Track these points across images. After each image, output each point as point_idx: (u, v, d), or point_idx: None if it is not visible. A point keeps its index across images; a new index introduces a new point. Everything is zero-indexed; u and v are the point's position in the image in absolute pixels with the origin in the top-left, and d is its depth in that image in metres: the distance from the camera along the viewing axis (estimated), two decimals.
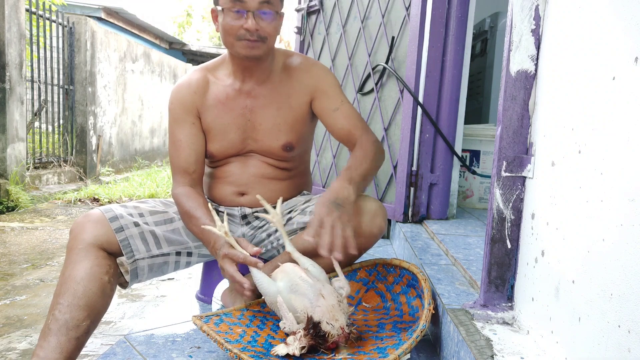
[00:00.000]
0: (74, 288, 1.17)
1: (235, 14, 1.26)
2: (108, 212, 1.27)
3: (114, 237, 1.24)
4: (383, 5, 2.25)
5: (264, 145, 1.43)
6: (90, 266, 1.19)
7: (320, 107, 1.43)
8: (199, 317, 1.19)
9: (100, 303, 1.20)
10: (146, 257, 1.30)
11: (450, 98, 2.05)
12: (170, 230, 1.36)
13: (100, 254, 1.22)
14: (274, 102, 1.41)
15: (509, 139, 1.01)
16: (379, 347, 1.10)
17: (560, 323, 0.83)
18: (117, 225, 1.25)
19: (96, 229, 1.23)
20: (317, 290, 1.10)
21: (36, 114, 5.05)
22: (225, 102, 1.41)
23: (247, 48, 1.30)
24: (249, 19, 1.25)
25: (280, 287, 1.14)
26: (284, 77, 1.43)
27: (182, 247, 1.37)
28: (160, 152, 8.81)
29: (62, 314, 1.14)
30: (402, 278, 1.31)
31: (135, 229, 1.28)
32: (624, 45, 0.69)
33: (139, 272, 1.30)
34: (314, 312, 1.08)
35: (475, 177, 2.47)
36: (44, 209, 4.12)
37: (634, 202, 0.65)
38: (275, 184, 1.47)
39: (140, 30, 9.43)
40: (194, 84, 1.42)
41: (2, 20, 4.15)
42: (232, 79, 1.41)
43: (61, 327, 1.13)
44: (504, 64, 1.02)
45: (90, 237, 1.22)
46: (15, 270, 2.43)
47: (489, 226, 1.04)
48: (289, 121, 1.42)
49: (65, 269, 1.20)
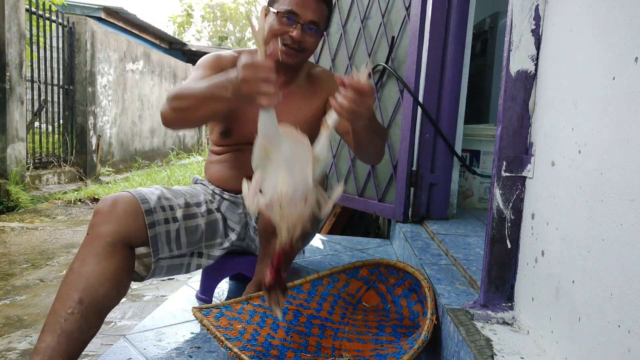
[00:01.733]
0: (96, 289, 1.08)
1: (287, 20, 1.35)
2: (144, 203, 1.21)
3: (145, 233, 1.20)
4: (383, 5, 2.25)
5: None
6: (115, 268, 1.12)
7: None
8: (199, 310, 1.19)
9: (113, 307, 1.15)
10: (167, 257, 1.28)
11: (450, 98, 2.05)
12: (192, 227, 1.32)
13: (126, 254, 1.16)
14: (296, 103, 1.48)
15: (509, 139, 1.01)
16: (379, 354, 1.09)
17: (560, 323, 0.83)
18: (151, 220, 1.21)
19: (129, 221, 1.17)
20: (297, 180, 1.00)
21: (36, 114, 5.05)
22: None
23: (285, 54, 1.38)
24: (296, 29, 1.35)
25: (279, 150, 1.04)
26: (307, 83, 1.54)
27: (195, 248, 1.36)
28: (160, 152, 8.81)
29: (79, 316, 1.06)
30: (405, 282, 1.31)
31: (164, 227, 1.25)
32: (624, 45, 0.69)
33: (158, 271, 1.28)
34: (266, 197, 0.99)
35: (475, 177, 2.47)
36: (44, 209, 4.12)
37: (634, 202, 0.65)
38: None
39: (140, 30, 9.44)
40: (228, 57, 1.45)
41: (2, 20, 4.15)
42: None
43: (74, 331, 1.05)
44: (504, 64, 1.02)
45: (121, 231, 1.15)
46: (15, 270, 2.44)
47: (489, 226, 1.04)
48: (307, 121, 1.49)
49: (86, 258, 1.11)
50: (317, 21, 1.37)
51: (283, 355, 1.08)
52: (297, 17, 1.35)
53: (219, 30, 22.91)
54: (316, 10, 1.37)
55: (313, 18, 1.36)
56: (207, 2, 22.49)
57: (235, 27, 23.09)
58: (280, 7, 1.36)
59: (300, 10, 1.35)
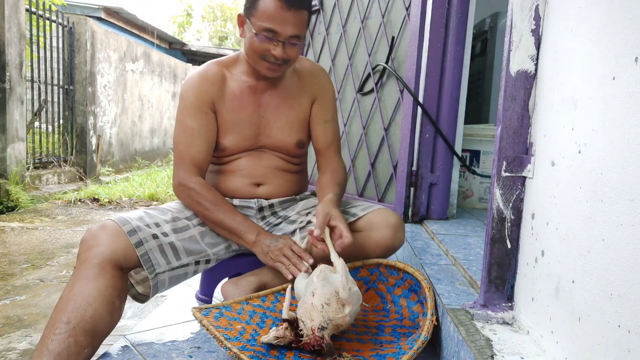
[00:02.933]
0: (84, 309, 1.06)
1: (266, 38, 1.30)
2: (125, 225, 1.20)
3: (133, 252, 1.19)
4: (383, 5, 2.25)
5: (277, 141, 1.48)
6: (104, 287, 1.10)
7: (314, 113, 1.53)
8: (199, 310, 1.19)
9: (106, 329, 1.11)
10: (167, 270, 1.26)
11: (450, 98, 2.05)
12: (187, 238, 1.33)
13: (115, 274, 1.14)
14: (286, 101, 1.48)
15: (509, 139, 1.01)
16: (379, 354, 1.09)
17: (560, 323, 0.83)
18: (137, 240, 1.20)
19: (114, 242, 1.16)
20: (311, 289, 1.10)
21: (36, 114, 5.05)
22: (241, 97, 1.44)
23: (269, 70, 1.37)
24: (278, 47, 1.31)
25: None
26: (295, 79, 1.51)
27: (202, 256, 1.35)
28: (160, 152, 8.81)
29: (66, 336, 1.03)
30: (405, 282, 1.31)
31: (154, 242, 1.24)
32: (624, 45, 0.69)
33: (160, 285, 1.27)
34: (299, 309, 1.09)
35: (475, 177, 2.47)
36: (44, 209, 4.12)
37: (634, 202, 0.65)
38: (289, 175, 1.52)
39: (140, 30, 9.44)
40: (212, 76, 1.43)
41: (2, 20, 4.15)
42: (247, 76, 1.45)
43: (62, 352, 1.01)
44: (504, 64, 1.02)
45: (107, 252, 1.14)
46: (15, 270, 2.43)
47: (489, 226, 1.04)
48: (300, 119, 1.50)
49: (75, 282, 1.10)
50: (298, 34, 1.32)
51: (282, 355, 1.08)
52: (278, 35, 1.30)
53: (219, 30, 22.91)
54: (296, 23, 1.30)
55: (294, 32, 1.30)
56: (207, 2, 22.50)
57: (235, 27, 23.08)
58: (258, 23, 1.29)
59: (280, 27, 1.28)
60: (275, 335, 1.07)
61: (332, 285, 1.09)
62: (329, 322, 1.05)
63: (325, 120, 1.53)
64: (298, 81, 1.51)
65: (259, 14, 1.29)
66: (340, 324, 1.07)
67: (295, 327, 1.08)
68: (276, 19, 1.28)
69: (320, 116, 1.53)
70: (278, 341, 1.07)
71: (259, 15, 1.29)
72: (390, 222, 1.37)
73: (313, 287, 1.09)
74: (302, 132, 1.51)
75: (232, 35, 22.88)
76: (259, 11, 1.29)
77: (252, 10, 1.31)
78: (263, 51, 1.32)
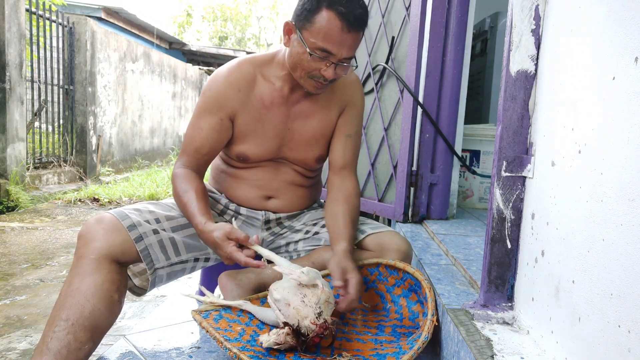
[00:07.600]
0: (82, 305, 1.05)
1: (319, 58, 1.21)
2: (125, 220, 1.18)
3: (133, 247, 1.17)
4: (383, 5, 2.25)
5: (299, 155, 1.41)
6: (101, 281, 1.09)
7: (339, 125, 1.44)
8: (199, 312, 1.18)
9: (106, 324, 1.10)
10: (166, 265, 1.25)
11: (450, 98, 2.05)
12: (189, 235, 1.31)
13: (112, 268, 1.12)
14: (315, 114, 1.40)
15: (509, 139, 1.01)
16: (379, 354, 1.09)
17: (560, 323, 0.83)
18: (136, 234, 1.17)
19: (111, 237, 1.14)
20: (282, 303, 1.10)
21: (36, 114, 5.05)
22: (270, 106, 1.36)
23: (314, 88, 1.29)
24: (329, 68, 1.22)
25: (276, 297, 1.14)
26: (327, 89, 1.38)
27: (201, 254, 1.34)
28: (160, 152, 8.81)
29: (65, 333, 1.02)
30: (404, 282, 1.31)
31: (154, 237, 1.22)
32: (624, 45, 0.69)
33: (157, 280, 1.26)
34: (287, 318, 1.09)
35: (475, 177, 2.47)
36: (44, 209, 4.12)
37: (634, 202, 0.65)
38: (301, 190, 1.48)
39: (140, 30, 9.44)
40: (241, 79, 1.33)
41: (2, 20, 4.15)
42: (281, 83, 1.35)
43: (62, 349, 1.00)
44: (504, 64, 1.02)
45: (104, 246, 1.12)
46: (15, 270, 2.43)
47: (489, 226, 1.04)
48: (325, 134, 1.43)
49: (73, 278, 1.09)
50: (352, 56, 1.23)
51: (283, 355, 1.08)
52: (332, 57, 1.20)
53: (219, 30, 22.92)
54: (352, 46, 1.21)
55: (349, 55, 1.22)
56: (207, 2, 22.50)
57: (235, 27, 23.10)
58: (312, 40, 1.19)
59: (336, 49, 1.19)
60: (276, 341, 1.07)
61: (290, 284, 1.11)
62: (319, 306, 1.08)
63: (348, 134, 1.43)
64: (330, 90, 1.40)
65: (314, 30, 1.18)
66: (326, 299, 1.09)
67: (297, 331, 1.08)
68: (334, 40, 1.18)
69: (343, 129, 1.43)
70: (279, 347, 1.07)
71: (314, 31, 1.18)
72: (402, 249, 1.34)
73: (282, 300, 1.10)
74: (324, 147, 1.44)
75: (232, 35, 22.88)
76: (315, 27, 1.18)
77: (306, 24, 1.20)
78: (312, 70, 1.23)
